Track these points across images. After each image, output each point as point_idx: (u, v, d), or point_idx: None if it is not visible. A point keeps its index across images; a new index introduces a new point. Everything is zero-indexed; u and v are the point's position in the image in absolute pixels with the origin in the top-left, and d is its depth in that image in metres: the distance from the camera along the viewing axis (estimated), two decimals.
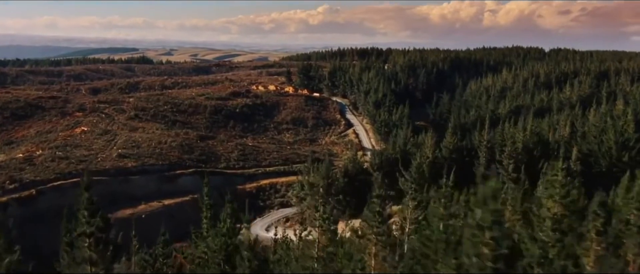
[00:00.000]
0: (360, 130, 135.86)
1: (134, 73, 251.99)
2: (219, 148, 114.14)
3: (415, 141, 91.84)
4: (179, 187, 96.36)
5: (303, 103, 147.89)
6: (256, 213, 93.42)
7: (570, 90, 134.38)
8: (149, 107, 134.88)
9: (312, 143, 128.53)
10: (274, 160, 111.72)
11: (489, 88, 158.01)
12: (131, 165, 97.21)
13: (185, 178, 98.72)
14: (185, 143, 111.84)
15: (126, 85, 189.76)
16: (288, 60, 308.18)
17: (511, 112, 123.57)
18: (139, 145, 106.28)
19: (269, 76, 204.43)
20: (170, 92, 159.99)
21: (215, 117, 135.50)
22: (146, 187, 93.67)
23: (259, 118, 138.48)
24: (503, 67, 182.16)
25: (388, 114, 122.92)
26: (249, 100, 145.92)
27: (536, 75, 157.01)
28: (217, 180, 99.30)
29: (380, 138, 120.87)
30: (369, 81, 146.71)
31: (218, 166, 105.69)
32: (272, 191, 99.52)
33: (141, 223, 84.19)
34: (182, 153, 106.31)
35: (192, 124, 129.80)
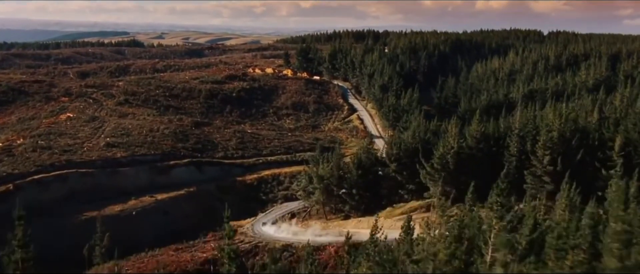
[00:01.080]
0: (365, 115, 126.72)
1: (124, 56, 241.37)
2: (216, 136, 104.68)
3: (435, 129, 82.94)
4: (173, 179, 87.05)
5: (303, 87, 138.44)
6: (258, 207, 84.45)
7: (586, 73, 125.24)
8: (139, 91, 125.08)
9: (315, 129, 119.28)
10: (275, 148, 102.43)
11: (495, 71, 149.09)
12: (120, 155, 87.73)
13: (179, 170, 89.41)
14: (179, 130, 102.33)
15: (116, 69, 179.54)
16: (282, 43, 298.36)
17: (525, 97, 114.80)
18: (128, 133, 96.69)
19: (264, 59, 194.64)
20: (162, 75, 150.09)
21: (211, 101, 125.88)
22: (137, 180, 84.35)
23: (257, 102, 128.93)
24: (506, 50, 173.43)
25: (396, 98, 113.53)
26: (246, 84, 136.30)
27: (546, 58, 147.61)
28: (214, 171, 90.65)
29: (388, 124, 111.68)
30: (372, 63, 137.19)
31: (215, 155, 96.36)
32: (274, 183, 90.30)
33: (131, 220, 75.09)
34: (176, 142, 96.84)
35: (186, 109, 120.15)
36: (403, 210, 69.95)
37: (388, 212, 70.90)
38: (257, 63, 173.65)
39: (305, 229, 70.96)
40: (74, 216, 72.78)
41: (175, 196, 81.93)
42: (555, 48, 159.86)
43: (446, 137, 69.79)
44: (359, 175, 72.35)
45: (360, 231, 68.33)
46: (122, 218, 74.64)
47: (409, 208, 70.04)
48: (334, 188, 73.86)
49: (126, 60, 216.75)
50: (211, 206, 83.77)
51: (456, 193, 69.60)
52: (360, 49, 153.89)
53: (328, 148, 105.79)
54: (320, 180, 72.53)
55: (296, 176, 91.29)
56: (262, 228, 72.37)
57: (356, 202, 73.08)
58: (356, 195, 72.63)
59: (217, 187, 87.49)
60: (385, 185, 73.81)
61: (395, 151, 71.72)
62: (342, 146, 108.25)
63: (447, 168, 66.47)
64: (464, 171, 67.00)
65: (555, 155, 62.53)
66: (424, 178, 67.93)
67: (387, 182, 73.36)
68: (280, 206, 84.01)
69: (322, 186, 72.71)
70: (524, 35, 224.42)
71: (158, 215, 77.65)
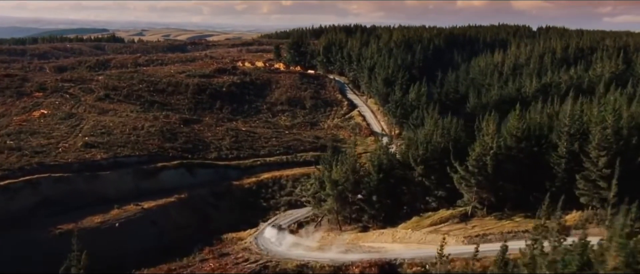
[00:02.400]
0: (366, 111, 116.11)
1: (104, 51, 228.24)
2: (207, 134, 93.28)
3: (450, 126, 72.53)
4: (161, 184, 75.65)
5: (298, 81, 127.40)
6: (258, 215, 73.40)
7: (602, 67, 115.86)
8: (121, 86, 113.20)
9: (313, 127, 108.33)
10: (273, 148, 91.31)
11: (498, 65, 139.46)
12: (100, 156, 76.03)
13: (168, 173, 78.00)
14: (167, 128, 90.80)
15: (96, 63, 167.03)
16: (267, 38, 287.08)
17: (538, 91, 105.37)
18: (109, 132, 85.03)
19: (252, 53, 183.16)
20: (146, 69, 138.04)
21: (199, 97, 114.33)
22: (120, 185, 72.73)
23: (250, 98, 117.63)
24: (501, 44, 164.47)
25: (402, 93, 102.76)
26: (237, 78, 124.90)
27: (552, 51, 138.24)
28: (207, 174, 79.87)
29: (395, 121, 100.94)
30: (372, 56, 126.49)
31: (208, 156, 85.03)
32: (276, 188, 79.19)
33: (114, 234, 63.61)
34: (164, 141, 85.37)
35: (172, 105, 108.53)
36: (432, 220, 59.35)
37: (414, 223, 60.27)
38: (245, 58, 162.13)
39: (319, 243, 60.13)
40: (46, 230, 60.98)
41: (165, 203, 70.54)
42: (560, 41, 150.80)
43: (482, 135, 59.24)
44: (379, 179, 61.47)
45: (384, 247, 57.70)
46: (103, 231, 63.06)
47: (439, 218, 59.44)
48: (348, 194, 63.03)
49: (106, 55, 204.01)
50: (205, 214, 72.79)
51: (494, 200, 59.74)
52: (356, 42, 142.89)
53: (332, 147, 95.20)
54: (334, 185, 61.57)
55: (299, 180, 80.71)
56: (269, 242, 61.31)
57: (376, 210, 62.27)
58: (376, 203, 61.81)
59: (212, 192, 76.25)
60: (408, 191, 63.01)
61: (422, 152, 60.93)
62: (343, 145, 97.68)
63: (484, 171, 55.99)
64: (503, 175, 56.72)
65: (612, 156, 52.31)
66: (458, 183, 57.32)
67: (411, 188, 62.53)
68: (284, 214, 72.96)
69: (336, 192, 61.78)
70: (513, 31, 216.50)
71: (145, 227, 66.19)
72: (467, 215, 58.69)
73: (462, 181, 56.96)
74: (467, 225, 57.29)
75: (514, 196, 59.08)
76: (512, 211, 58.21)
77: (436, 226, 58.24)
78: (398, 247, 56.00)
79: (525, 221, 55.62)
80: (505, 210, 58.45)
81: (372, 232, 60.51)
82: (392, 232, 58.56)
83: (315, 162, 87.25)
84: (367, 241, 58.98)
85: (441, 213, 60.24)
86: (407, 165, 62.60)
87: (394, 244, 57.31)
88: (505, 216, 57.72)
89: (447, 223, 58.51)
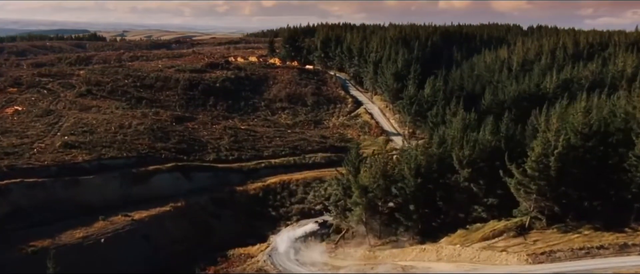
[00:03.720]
0: (373, 108, 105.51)
1: (85, 50, 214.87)
2: (203, 133, 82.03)
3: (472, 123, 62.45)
4: (153, 190, 64.33)
5: (296, 77, 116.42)
6: (267, 226, 62.55)
7: (623, 62, 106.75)
8: (105, 81, 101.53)
9: (318, 125, 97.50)
10: (278, 148, 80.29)
11: (505, 62, 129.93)
12: (82, 158, 64.53)
13: (161, 177, 66.58)
14: (157, 126, 79.44)
15: (77, 60, 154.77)
16: (254, 37, 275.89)
17: (558, 87, 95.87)
18: (92, 130, 73.55)
19: (239, 50, 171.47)
20: (131, 64, 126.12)
21: (191, 93, 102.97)
22: (105, 192, 61.29)
23: (246, 94, 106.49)
24: (499, 42, 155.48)
25: (416, 88, 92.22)
26: (231, 73, 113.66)
27: (564, 47, 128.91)
28: (205, 179, 68.85)
29: (409, 118, 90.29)
30: (377, 49, 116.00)
31: (205, 158, 73.71)
32: (285, 194, 68.33)
33: (99, 251, 52.29)
34: (154, 141, 74.03)
35: (161, 102, 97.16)
36: (484, 233, 48.85)
37: (461, 237, 49.76)
38: (237, 53, 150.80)
39: (350, 262, 49.43)
40: (15, 247, 49.49)
41: (158, 213, 59.40)
42: (568, 38, 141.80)
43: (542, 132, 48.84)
44: (417, 184, 50.82)
45: (430, 267, 47.17)
46: (85, 248, 51.78)
47: (491, 231, 48.97)
48: (378, 202, 52.39)
49: (88, 52, 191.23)
50: (206, 225, 61.79)
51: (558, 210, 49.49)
52: (357, 36, 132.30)
53: (342, 148, 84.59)
54: (363, 192, 50.89)
55: (311, 185, 70.03)
56: (287, 261, 50.58)
57: (413, 222, 51.64)
58: (414, 213, 51.18)
59: (212, 200, 65.14)
60: (451, 199, 52.37)
61: (468, 152, 50.36)
62: None
63: (546, 175, 45.67)
64: (567, 179, 46.50)
65: None
66: (516, 189, 46.90)
67: (455, 195, 51.91)
68: (298, 225, 62.05)
69: (366, 200, 51.08)
70: (506, 29, 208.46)
71: (136, 242, 54.98)
72: (524, 227, 48.42)
73: (521, 187, 46.63)
74: (526, 239, 47.02)
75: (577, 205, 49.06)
76: (577, 222, 48.08)
77: (489, 241, 47.82)
78: (447, 267, 45.68)
79: (597, 234, 45.73)
80: (568, 221, 48.30)
81: (411, 248, 49.95)
82: (436, 248, 48.06)
83: (328, 164, 76.86)
84: (406, 259, 48.51)
85: (492, 224, 49.75)
86: (449, 168, 52.04)
87: (440, 263, 46.94)
88: (570, 228, 47.66)
89: (502, 237, 48.15)
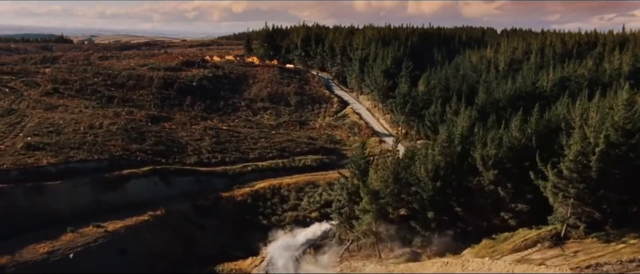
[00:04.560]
0: (361, 108, 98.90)
1: (52, 52, 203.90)
2: (182, 134, 74.27)
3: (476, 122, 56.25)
4: (129, 197, 56.52)
5: (277, 76, 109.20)
6: (257, 236, 55.23)
7: (620, 61, 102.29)
8: (72, 79, 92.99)
9: (303, 126, 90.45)
10: (264, 150, 72.91)
11: (491, 62, 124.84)
12: (47, 161, 56.36)
13: (137, 182, 58.71)
14: (131, 126, 71.46)
15: (42, 60, 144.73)
16: (225, 39, 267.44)
17: (555, 85, 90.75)
18: (59, 130, 65.32)
19: (212, 51, 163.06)
20: (101, 62, 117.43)
21: (166, 92, 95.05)
22: (74, 200, 53.20)
23: (225, 93, 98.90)
24: (478, 44, 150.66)
25: (411, 86, 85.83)
26: (208, 71, 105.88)
27: (552, 46, 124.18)
28: (187, 184, 61.20)
29: (402, 118, 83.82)
30: (363, 46, 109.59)
31: (186, 161, 66.01)
32: (276, 200, 61.05)
33: (67, 269, 44.41)
34: (129, 142, 66.11)
35: (134, 102, 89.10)
36: (514, 244, 42.32)
37: (487, 248, 43.13)
38: (212, 53, 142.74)
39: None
40: None
41: (135, 223, 51.60)
42: (556, 37, 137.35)
43: (579, 128, 42.50)
44: (436, 189, 44.10)
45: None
46: (51, 265, 43.84)
47: (523, 240, 42.44)
48: (389, 208, 45.54)
49: (54, 53, 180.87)
50: (189, 236, 54.19)
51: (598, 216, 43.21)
52: (340, 34, 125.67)
53: (330, 150, 77.68)
54: (373, 197, 43.95)
55: (304, 190, 62.88)
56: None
57: (430, 231, 44.87)
58: (433, 221, 44.42)
59: (195, 207, 57.51)
60: (474, 204, 45.72)
61: (494, 152, 43.81)
62: (345, 148, 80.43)
63: (586, 176, 39.38)
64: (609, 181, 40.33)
65: None
66: (552, 193, 40.48)
67: (479, 200, 45.29)
68: (292, 234, 54.76)
69: (377, 207, 44.19)
70: (481, 32, 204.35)
71: (111, 256, 47.14)
72: (560, 237, 41.92)
73: (557, 190, 40.20)
74: (564, 250, 40.54)
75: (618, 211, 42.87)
76: (617, 230, 41.85)
77: (521, 252, 41.25)
78: None
79: None
80: (607, 228, 42.05)
81: (430, 262, 43.02)
82: (461, 262, 41.24)
83: (320, 167, 69.93)
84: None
85: (523, 234, 43.18)
86: (472, 169, 45.41)
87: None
88: (612, 237, 41.35)
89: (536, 247, 41.60)
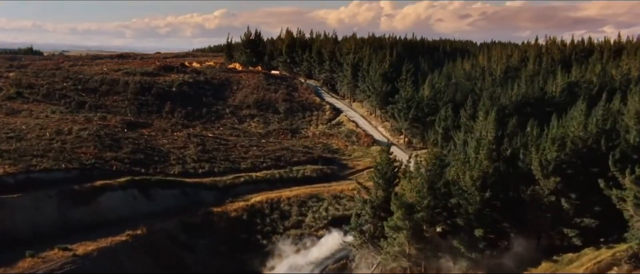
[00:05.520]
0: (356, 116, 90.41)
1: (20, 62, 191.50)
2: (163, 141, 64.87)
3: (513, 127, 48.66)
4: (102, 213, 46.90)
5: (263, 82, 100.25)
6: (257, 259, 46.25)
7: (628, 66, 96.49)
8: (39, 84, 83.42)
9: (295, 135, 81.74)
10: (257, 159, 63.84)
11: (485, 70, 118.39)
12: (5, 170, 46.56)
13: (112, 195, 49.05)
14: (105, 132, 61.88)
15: (8, 67, 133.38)
16: (201, 52, 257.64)
17: (564, 91, 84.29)
18: (21, 136, 55.57)
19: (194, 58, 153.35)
20: (72, 67, 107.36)
21: (143, 97, 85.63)
22: (37, 216, 43.37)
23: (207, 100, 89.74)
24: (461, 54, 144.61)
25: (413, 90, 77.80)
26: (188, 77, 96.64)
27: (550, 54, 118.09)
28: (171, 197, 51.84)
29: (406, 125, 75.67)
30: (355, 50, 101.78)
31: (168, 171, 56.58)
32: (276, 216, 51.93)
33: None
34: (102, 149, 56.55)
35: (108, 108, 79.57)
36: (585, 266, 33.96)
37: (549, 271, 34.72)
38: (190, 60, 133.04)
39: None
40: None
41: (111, 245, 42.05)
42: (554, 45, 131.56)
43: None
44: (485, 200, 35.60)
45: None
46: None
47: (595, 263, 34.09)
48: (424, 225, 36.86)
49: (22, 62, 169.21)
50: (177, 260, 44.82)
51: None
52: (328, 39, 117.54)
53: (330, 159, 69.11)
54: (407, 211, 35.28)
55: (307, 204, 53.89)
56: None
57: (478, 252, 36.24)
58: (480, 240, 35.82)
59: (182, 226, 48.08)
60: (525, 219, 37.25)
61: (554, 154, 35.51)
62: (344, 157, 72.02)
63: None
64: None
65: None
66: (635, 206, 32.32)
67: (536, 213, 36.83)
68: (302, 255, 45.78)
69: (411, 223, 35.51)
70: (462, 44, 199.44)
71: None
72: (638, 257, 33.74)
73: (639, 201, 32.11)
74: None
75: None
76: None
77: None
78: None
79: None
80: None
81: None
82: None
83: (321, 178, 61.33)
84: None
85: (592, 254, 34.78)
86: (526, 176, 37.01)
87: None
88: None
89: (611, 271, 33.35)
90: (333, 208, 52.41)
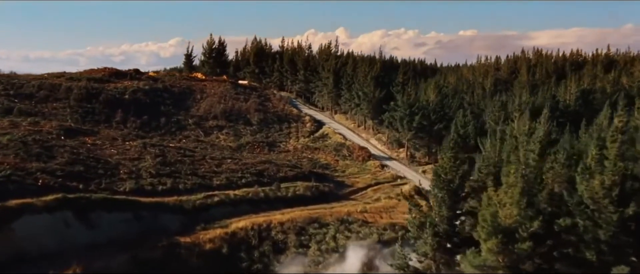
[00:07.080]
0: (341, 128, 76.89)
1: None
2: (111, 151, 49.61)
3: None
4: (19, 245, 31.57)
5: (231, 90, 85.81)
6: None
7: None
8: None
9: (273, 148, 67.23)
10: (233, 174, 48.98)
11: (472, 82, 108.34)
12: None
13: (34, 220, 33.57)
14: (34, 138, 46.45)
15: None
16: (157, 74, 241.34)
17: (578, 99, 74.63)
18: None
19: None
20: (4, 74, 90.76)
21: (89, 105, 70.12)
22: None
23: (167, 109, 74.70)
24: (435, 72, 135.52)
25: (414, 95, 64.73)
26: (144, 84, 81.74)
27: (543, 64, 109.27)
28: (120, 222, 36.32)
29: (409, 136, 62.22)
30: (336, 57, 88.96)
31: (117, 187, 41.30)
32: (267, 247, 37.19)
33: None
34: (26, 158, 41.18)
35: (46, 115, 63.66)
36: None
37: None
38: None
39: None
40: None
41: None
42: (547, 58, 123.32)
43: None
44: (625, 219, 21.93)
45: None
46: None
47: None
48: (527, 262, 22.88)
49: None
50: None
51: None
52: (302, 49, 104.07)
53: (322, 175, 55.08)
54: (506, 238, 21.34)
55: (307, 230, 39.27)
56: None
57: None
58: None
59: (136, 263, 32.95)
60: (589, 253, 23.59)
61: None
62: (336, 174, 58.09)
63: None
64: None
65: None
66: None
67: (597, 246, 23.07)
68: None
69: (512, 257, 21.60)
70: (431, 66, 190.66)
71: None
72: None
73: None
74: None
75: None
76: None
77: None
78: None
79: None
80: None
81: None
82: None
83: (319, 198, 47.25)
84: None
85: None
86: None
87: None
88: None
89: None
90: (343, 236, 38.06)
